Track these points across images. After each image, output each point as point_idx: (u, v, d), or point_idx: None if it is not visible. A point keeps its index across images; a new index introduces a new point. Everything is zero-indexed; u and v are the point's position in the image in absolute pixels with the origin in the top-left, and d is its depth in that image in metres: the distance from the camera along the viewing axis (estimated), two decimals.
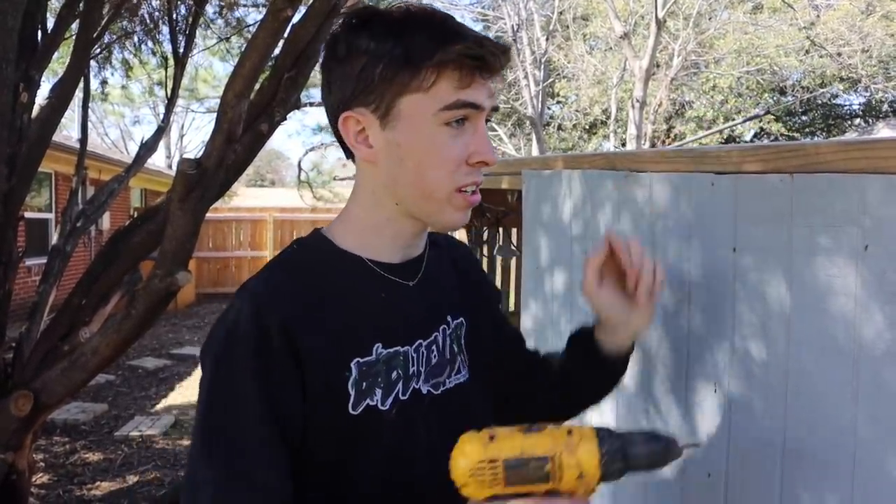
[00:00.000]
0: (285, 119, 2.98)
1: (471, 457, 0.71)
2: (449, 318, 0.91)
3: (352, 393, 0.79)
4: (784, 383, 0.94)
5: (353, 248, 0.86)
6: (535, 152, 10.45)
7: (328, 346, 0.78)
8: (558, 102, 15.41)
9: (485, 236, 2.65)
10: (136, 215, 5.77)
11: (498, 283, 2.61)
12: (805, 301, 0.91)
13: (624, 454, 0.71)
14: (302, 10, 2.76)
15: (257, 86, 2.64)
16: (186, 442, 4.78)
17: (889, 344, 0.80)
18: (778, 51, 12.63)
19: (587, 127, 14.78)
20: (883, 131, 12.55)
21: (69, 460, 4.54)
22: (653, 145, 11.53)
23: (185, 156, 4.83)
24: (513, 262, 3.81)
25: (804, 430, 0.92)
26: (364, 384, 0.79)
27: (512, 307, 3.78)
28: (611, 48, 13.13)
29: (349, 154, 0.86)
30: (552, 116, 15.32)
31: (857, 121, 15.46)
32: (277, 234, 12.53)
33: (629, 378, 1.27)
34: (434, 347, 0.88)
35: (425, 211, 0.84)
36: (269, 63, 2.76)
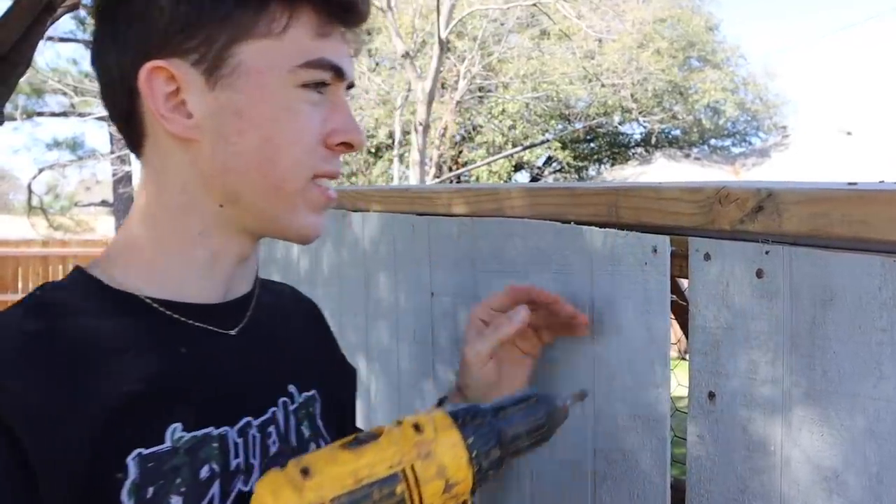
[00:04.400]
0: None
1: None
2: (292, 389, 0.73)
3: None
4: None
5: (133, 286, 0.66)
6: None
7: (85, 436, 0.57)
8: None
9: None
10: None
11: None
12: None
13: (499, 437, 0.58)
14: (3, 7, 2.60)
15: None
16: None
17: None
18: (563, 78, 13.93)
19: (372, 150, 15.13)
20: (659, 160, 14.29)
21: None
22: (439, 170, 12.11)
23: None
24: None
25: None
26: (151, 490, 0.59)
27: None
28: (395, 67, 13.66)
29: (135, 142, 0.68)
30: None
31: (639, 150, 17.42)
32: None
33: None
34: (272, 430, 0.69)
35: (270, 211, 0.67)
36: None
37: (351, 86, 0.71)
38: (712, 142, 17.42)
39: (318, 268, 1.51)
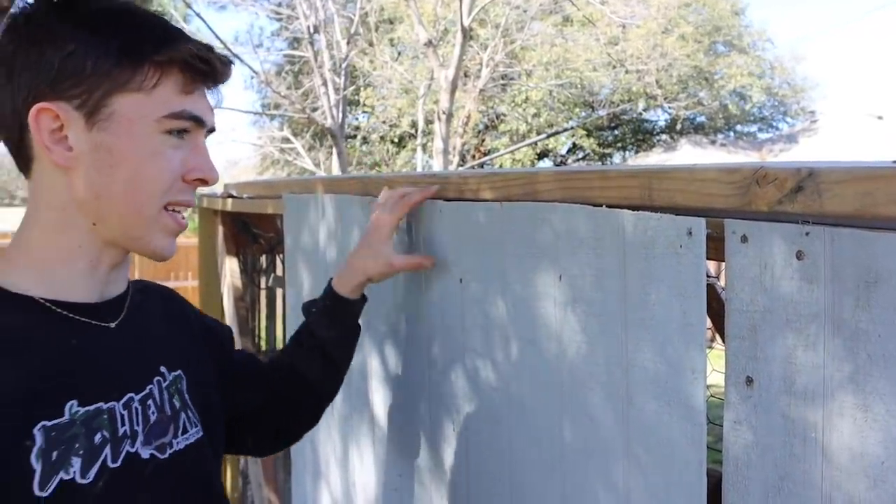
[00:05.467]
0: None
1: None
2: (164, 370, 0.89)
3: (37, 468, 0.71)
4: (508, 411, 1.05)
5: (29, 289, 0.79)
6: (335, 167, 10.52)
7: None
8: (364, 112, 15.67)
9: (258, 266, 2.64)
10: None
11: (278, 320, 2.60)
12: (522, 333, 1.02)
13: None
14: None
15: None
16: None
17: (581, 369, 0.93)
18: (587, 65, 13.82)
19: (395, 140, 15.13)
20: (685, 147, 14.14)
21: None
22: (462, 159, 12.08)
23: None
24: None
25: (523, 454, 1.03)
26: (55, 454, 0.73)
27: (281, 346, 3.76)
28: (417, 56, 13.63)
29: (24, 164, 0.82)
30: (358, 128, 15.53)
31: (664, 136, 17.26)
32: None
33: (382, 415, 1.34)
34: (151, 403, 0.84)
35: (131, 232, 0.82)
36: None
37: (211, 130, 0.86)
38: (738, 128, 17.21)
39: (345, 255, 1.50)
